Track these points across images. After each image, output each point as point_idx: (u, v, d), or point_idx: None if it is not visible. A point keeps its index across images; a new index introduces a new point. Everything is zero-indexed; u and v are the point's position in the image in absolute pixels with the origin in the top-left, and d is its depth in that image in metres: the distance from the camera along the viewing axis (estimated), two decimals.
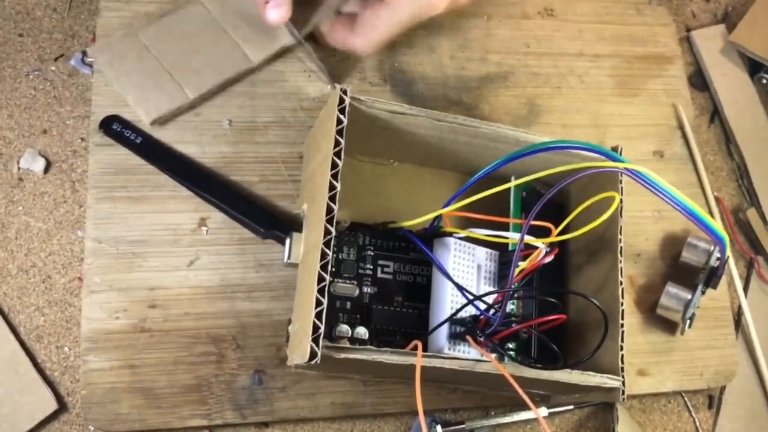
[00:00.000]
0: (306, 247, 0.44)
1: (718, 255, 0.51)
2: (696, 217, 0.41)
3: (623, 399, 0.42)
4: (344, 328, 0.44)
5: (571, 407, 0.52)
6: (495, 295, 0.43)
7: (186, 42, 0.51)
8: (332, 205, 0.39)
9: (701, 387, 0.54)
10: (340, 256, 0.46)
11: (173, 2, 0.52)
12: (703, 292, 0.52)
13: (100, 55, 0.50)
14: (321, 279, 0.38)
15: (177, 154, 0.50)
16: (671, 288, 0.52)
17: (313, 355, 0.37)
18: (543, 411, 0.51)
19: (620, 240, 0.45)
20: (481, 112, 0.56)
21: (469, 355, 0.44)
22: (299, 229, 0.46)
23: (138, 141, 0.49)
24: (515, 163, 0.42)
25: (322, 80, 0.53)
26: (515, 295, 0.46)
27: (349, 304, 0.45)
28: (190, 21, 0.51)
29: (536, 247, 0.43)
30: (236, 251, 0.49)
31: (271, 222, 0.48)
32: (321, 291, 0.38)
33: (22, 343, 0.46)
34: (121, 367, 0.46)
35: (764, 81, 0.63)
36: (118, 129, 0.49)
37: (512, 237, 0.46)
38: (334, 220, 0.39)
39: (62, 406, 0.46)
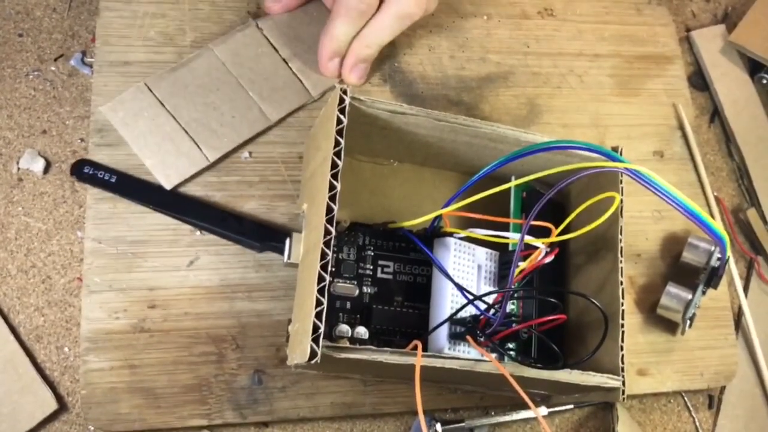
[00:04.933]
0: (306, 247, 0.44)
1: (719, 255, 0.51)
2: (696, 217, 0.41)
3: (623, 399, 0.42)
4: (344, 328, 0.44)
5: (571, 407, 0.52)
6: (495, 295, 0.43)
7: (201, 98, 0.50)
8: (332, 205, 0.39)
9: (701, 387, 0.54)
10: (340, 256, 0.46)
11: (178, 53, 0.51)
12: (703, 293, 0.52)
13: (114, 114, 0.48)
14: (321, 279, 0.38)
15: (156, 187, 0.48)
16: (672, 288, 0.52)
17: (313, 354, 0.36)
18: (543, 410, 0.51)
19: (620, 240, 0.45)
20: (481, 112, 0.56)
21: (469, 355, 0.43)
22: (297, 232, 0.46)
23: (113, 180, 0.48)
24: (515, 163, 0.42)
25: None
26: (515, 295, 0.46)
27: (349, 304, 0.45)
28: (204, 74, 0.50)
29: (536, 247, 0.43)
30: (236, 251, 0.49)
31: (265, 235, 0.48)
32: (321, 291, 0.37)
33: (22, 344, 0.46)
34: (121, 367, 0.46)
35: (764, 81, 0.63)
36: (90, 172, 0.47)
37: (512, 237, 0.46)
38: (334, 220, 0.39)
39: (62, 406, 0.46)
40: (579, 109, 0.58)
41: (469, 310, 0.44)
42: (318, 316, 0.37)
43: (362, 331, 0.44)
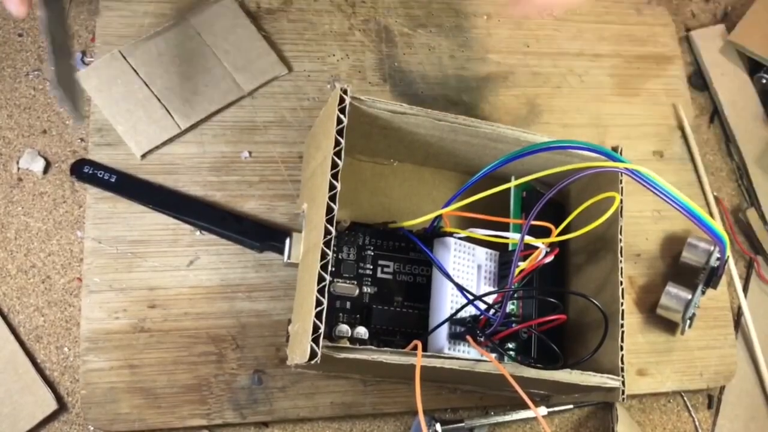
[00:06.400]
0: (306, 247, 0.44)
1: (718, 255, 0.51)
2: (696, 217, 0.41)
3: (623, 399, 0.42)
4: (344, 328, 0.44)
5: (571, 407, 0.52)
6: (495, 296, 0.43)
7: (176, 67, 0.50)
8: (332, 204, 0.39)
9: (701, 387, 0.54)
10: (340, 256, 0.46)
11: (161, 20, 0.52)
12: (703, 292, 0.52)
13: (88, 81, 0.49)
14: (321, 279, 0.38)
15: (156, 186, 0.48)
16: (671, 288, 0.52)
17: (313, 354, 0.36)
18: (542, 410, 0.51)
19: (620, 240, 0.44)
20: (481, 111, 0.56)
21: (469, 355, 0.43)
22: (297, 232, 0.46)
23: (113, 180, 0.48)
24: (515, 163, 0.42)
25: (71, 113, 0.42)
26: (515, 295, 0.46)
27: (349, 304, 0.45)
28: (178, 44, 0.51)
29: (536, 247, 0.43)
30: (236, 251, 0.49)
31: (265, 235, 0.48)
32: (321, 291, 0.37)
33: (22, 344, 0.46)
34: (121, 367, 0.46)
35: (764, 81, 0.63)
36: (90, 171, 0.48)
37: (512, 237, 0.46)
38: (334, 220, 0.39)
39: (62, 406, 0.46)
40: (579, 109, 0.58)
41: (469, 310, 0.44)
42: (318, 316, 0.37)
43: (362, 331, 0.44)
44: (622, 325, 0.43)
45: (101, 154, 0.49)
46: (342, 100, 0.40)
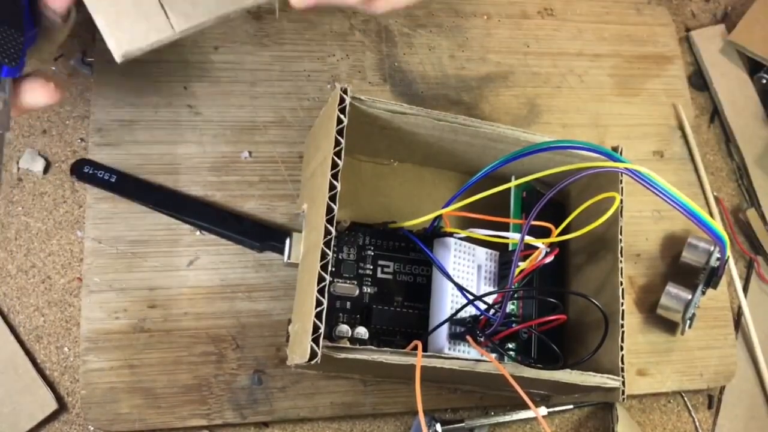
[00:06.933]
0: (306, 247, 0.44)
1: (719, 255, 0.51)
2: (696, 217, 0.41)
3: (623, 399, 0.42)
4: (344, 328, 0.44)
5: (571, 407, 0.52)
6: (495, 296, 0.43)
7: None
8: (332, 205, 0.39)
9: (701, 387, 0.54)
10: (340, 256, 0.46)
11: None
12: (703, 292, 0.52)
13: None
14: (321, 279, 0.38)
15: (156, 186, 0.48)
16: (671, 288, 0.52)
17: (313, 355, 0.36)
18: (543, 410, 0.51)
19: (620, 240, 0.45)
20: (481, 111, 0.56)
21: (469, 355, 0.43)
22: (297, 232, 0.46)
23: (113, 180, 0.47)
24: (515, 163, 0.42)
25: None
26: (515, 295, 0.46)
27: (349, 304, 0.45)
28: None
29: (536, 248, 0.43)
30: (236, 251, 0.49)
31: (265, 235, 0.48)
32: (321, 291, 0.37)
33: (22, 344, 0.46)
34: (121, 367, 0.46)
35: (764, 81, 0.63)
36: (90, 171, 0.47)
37: (512, 237, 0.46)
38: (335, 220, 0.39)
39: (62, 406, 0.46)
40: (579, 109, 0.58)
41: (469, 310, 0.44)
42: (318, 316, 0.37)
43: (362, 331, 0.44)
44: (622, 325, 0.43)
45: (101, 154, 0.49)
46: (342, 100, 0.40)
